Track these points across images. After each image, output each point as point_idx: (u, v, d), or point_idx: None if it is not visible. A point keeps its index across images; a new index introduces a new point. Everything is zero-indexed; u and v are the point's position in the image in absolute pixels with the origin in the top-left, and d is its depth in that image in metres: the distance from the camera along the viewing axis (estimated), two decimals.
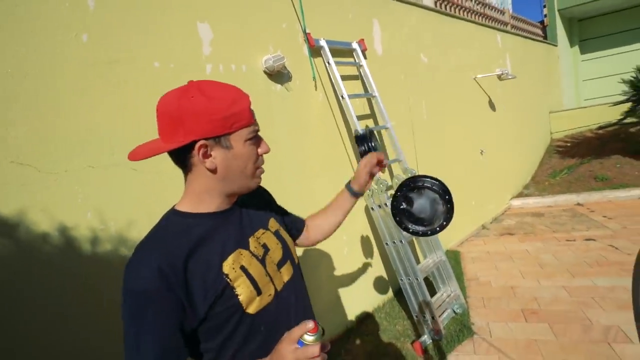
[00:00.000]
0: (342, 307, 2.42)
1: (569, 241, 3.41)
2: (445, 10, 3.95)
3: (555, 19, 7.45)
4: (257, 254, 0.73)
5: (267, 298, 0.72)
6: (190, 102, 0.63)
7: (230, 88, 0.68)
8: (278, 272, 0.77)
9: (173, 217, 0.71)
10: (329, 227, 1.04)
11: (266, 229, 0.80)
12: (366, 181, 0.99)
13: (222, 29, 1.81)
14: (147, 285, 0.60)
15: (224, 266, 0.67)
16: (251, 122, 0.69)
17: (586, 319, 2.12)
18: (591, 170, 5.22)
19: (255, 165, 0.71)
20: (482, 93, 4.33)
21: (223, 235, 0.70)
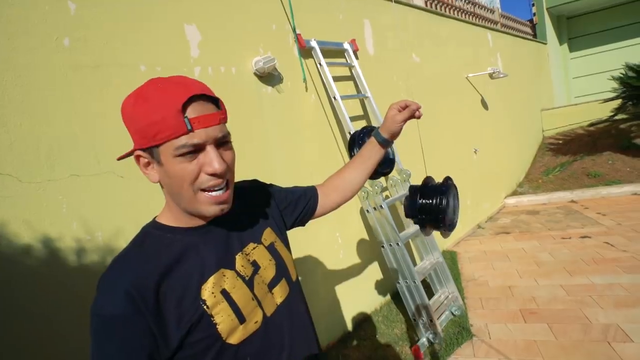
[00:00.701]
0: (339, 311, 2.38)
1: (565, 239, 3.41)
2: (435, 9, 3.95)
3: (544, 17, 7.52)
4: (244, 274, 0.65)
5: (252, 326, 0.63)
6: (125, 106, 0.57)
7: (166, 88, 0.55)
8: (269, 293, 0.68)
9: (152, 230, 0.64)
10: (354, 184, 0.91)
11: (258, 243, 0.71)
12: (400, 129, 0.85)
13: (210, 31, 1.77)
14: (114, 311, 0.54)
15: (203, 291, 0.59)
16: (180, 132, 0.53)
17: (585, 318, 2.10)
18: (584, 167, 5.26)
19: (194, 187, 0.57)
20: (475, 92, 4.34)
21: (204, 253, 0.62)
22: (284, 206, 0.83)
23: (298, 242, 2.09)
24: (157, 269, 0.58)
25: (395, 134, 0.87)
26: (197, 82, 0.59)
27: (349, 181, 0.91)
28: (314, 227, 2.19)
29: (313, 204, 0.87)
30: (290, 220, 0.85)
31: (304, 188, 0.90)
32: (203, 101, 0.57)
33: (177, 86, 0.55)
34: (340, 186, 0.91)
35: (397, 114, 0.84)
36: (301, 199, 0.86)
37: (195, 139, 0.55)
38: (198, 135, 0.55)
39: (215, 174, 0.57)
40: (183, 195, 0.59)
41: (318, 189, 0.90)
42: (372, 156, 0.90)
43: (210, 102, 0.58)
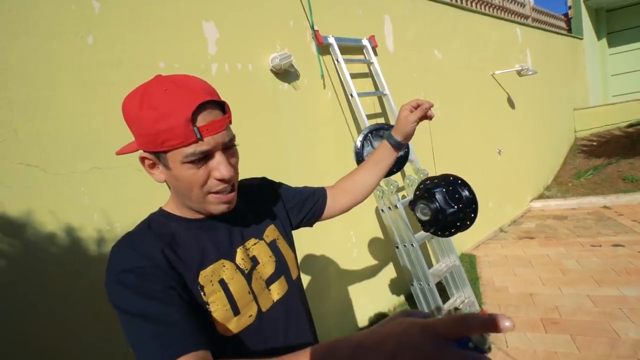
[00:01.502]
0: (350, 309, 2.37)
1: (594, 246, 3.22)
2: (460, 3, 3.82)
3: (580, 11, 7.10)
4: (244, 267, 0.66)
5: (246, 319, 0.63)
6: (129, 107, 0.56)
7: (174, 93, 0.54)
8: (266, 289, 0.68)
9: (158, 217, 0.66)
10: (365, 188, 0.89)
11: (259, 239, 0.71)
12: (413, 130, 0.83)
13: (227, 28, 1.79)
14: (134, 264, 0.55)
15: (201, 275, 0.60)
16: (188, 140, 0.54)
17: (613, 332, 1.98)
18: (620, 171, 4.94)
19: (203, 190, 0.59)
20: (501, 90, 4.17)
21: (206, 242, 0.64)
22: (290, 205, 0.83)
23: (311, 240, 2.10)
24: (162, 247, 0.59)
25: (409, 135, 0.84)
26: (203, 85, 0.58)
27: (360, 184, 0.89)
28: (327, 225, 2.18)
29: (321, 205, 0.87)
30: (296, 220, 0.85)
31: (313, 189, 0.89)
32: (210, 107, 0.57)
33: (184, 92, 0.54)
34: (351, 189, 0.90)
35: (409, 115, 0.82)
36: (309, 200, 0.86)
37: (204, 146, 0.56)
38: (207, 142, 0.56)
39: (224, 179, 0.59)
40: (192, 197, 0.61)
41: (328, 190, 0.89)
42: (385, 159, 0.88)
43: (217, 107, 0.58)
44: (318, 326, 0.82)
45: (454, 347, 0.32)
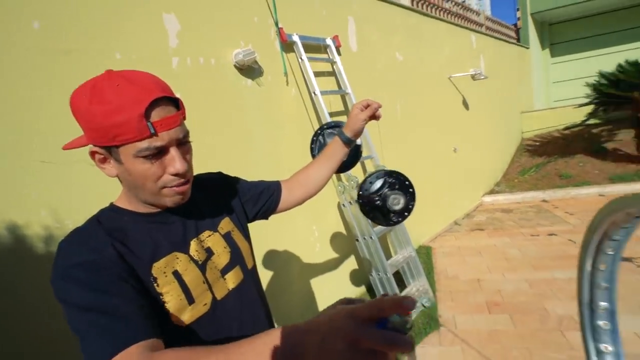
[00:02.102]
0: (314, 302, 2.44)
1: (534, 236, 3.57)
2: (421, 9, 4.02)
3: (527, 22, 7.71)
4: (198, 258, 0.67)
5: (201, 308, 0.65)
6: (78, 102, 0.56)
7: (126, 88, 0.55)
8: (221, 279, 0.70)
9: (110, 212, 0.66)
10: (317, 181, 0.94)
11: (214, 231, 0.73)
12: (362, 127, 0.91)
13: (189, 21, 1.77)
14: (88, 257, 0.55)
15: (154, 268, 0.61)
16: (142, 135, 0.55)
17: (544, 310, 2.23)
18: (557, 169, 5.48)
19: (158, 184, 0.60)
20: (457, 92, 4.44)
21: (158, 236, 0.65)
22: (246, 199, 0.86)
23: (275, 235, 2.14)
24: (112, 241, 0.59)
25: (358, 132, 0.91)
26: (156, 81, 0.59)
27: (313, 178, 0.94)
28: (290, 220, 2.25)
29: (276, 198, 0.90)
30: (252, 212, 0.87)
31: (268, 183, 0.92)
32: (164, 103, 0.58)
33: (138, 88, 0.55)
34: (305, 182, 0.94)
35: (359, 113, 0.89)
36: (264, 193, 0.89)
37: (159, 142, 0.57)
38: (161, 138, 0.57)
39: (179, 174, 0.61)
40: (145, 190, 0.62)
41: (283, 184, 0.93)
42: (337, 154, 0.94)
43: (170, 103, 0.59)
44: (281, 320, 0.86)
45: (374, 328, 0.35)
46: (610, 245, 0.48)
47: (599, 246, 0.49)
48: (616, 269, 0.51)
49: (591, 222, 0.48)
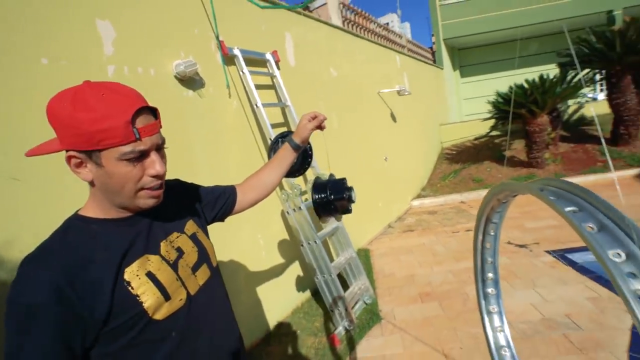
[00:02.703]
0: (261, 311, 2.46)
1: (455, 233, 4.06)
2: (351, 30, 4.37)
3: (441, 47, 8.79)
4: (169, 258, 0.72)
5: (177, 303, 0.70)
6: (59, 110, 0.59)
7: (112, 98, 0.60)
8: (192, 275, 0.76)
9: (76, 222, 0.68)
10: (269, 184, 1.03)
11: (181, 232, 0.79)
12: (309, 135, 1.03)
13: (126, 29, 1.73)
14: (34, 299, 0.56)
15: (126, 273, 0.65)
16: (128, 140, 0.61)
17: (465, 294, 2.58)
18: (470, 174, 6.30)
19: (137, 186, 0.66)
20: (385, 106, 4.88)
21: (128, 241, 0.68)
22: (204, 203, 0.93)
23: (221, 245, 2.11)
24: (82, 259, 0.62)
25: (306, 139, 1.04)
26: (136, 92, 0.65)
27: (264, 181, 1.03)
28: (235, 229, 2.26)
29: (231, 201, 0.98)
30: (210, 215, 0.94)
31: (223, 187, 1.00)
32: (145, 112, 0.65)
33: (122, 97, 0.61)
34: (257, 185, 1.03)
35: (307, 123, 1.03)
36: (220, 197, 0.96)
37: (142, 146, 0.63)
38: (144, 143, 0.63)
39: (158, 175, 0.67)
40: (123, 193, 0.65)
41: (237, 188, 1.01)
42: (286, 158, 1.05)
43: (149, 112, 0.66)
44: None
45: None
46: (492, 227, 0.66)
47: (485, 229, 0.67)
48: (497, 246, 0.69)
49: (478, 210, 0.66)
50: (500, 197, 0.59)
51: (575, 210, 0.36)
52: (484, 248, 0.71)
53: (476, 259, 0.75)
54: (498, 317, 0.72)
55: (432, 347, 2.06)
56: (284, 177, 1.13)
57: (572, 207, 0.36)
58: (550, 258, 2.95)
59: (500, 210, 0.63)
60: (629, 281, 0.28)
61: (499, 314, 0.72)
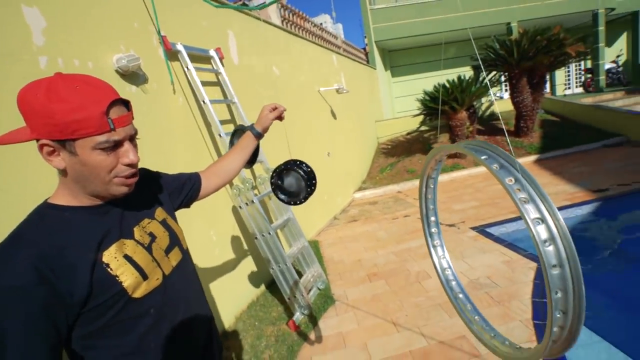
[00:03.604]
0: (216, 308, 2.46)
1: (394, 219, 4.45)
2: (290, 29, 4.48)
3: (373, 48, 9.36)
4: (143, 242, 0.76)
5: (154, 282, 0.74)
6: (33, 100, 0.61)
7: (86, 89, 0.63)
8: (166, 257, 0.80)
9: (48, 210, 0.69)
10: (231, 170, 1.10)
11: (152, 219, 0.82)
12: (270, 125, 1.13)
13: (57, 18, 1.62)
14: (14, 282, 0.57)
15: (105, 255, 0.68)
16: (102, 129, 0.64)
17: (407, 270, 2.89)
18: (404, 166, 6.87)
19: (111, 174, 0.68)
20: (325, 104, 5.10)
21: (103, 227, 0.71)
22: (170, 190, 0.98)
23: None
24: (57, 245, 0.63)
25: (266, 128, 1.15)
26: (109, 85, 0.68)
27: (227, 168, 1.11)
28: (187, 227, 2.23)
29: (197, 187, 1.04)
30: (176, 202, 0.99)
31: (188, 174, 1.05)
32: (119, 104, 0.68)
33: (96, 89, 0.65)
34: (220, 172, 1.10)
35: (269, 113, 1.14)
36: (186, 184, 1.02)
37: (116, 136, 0.66)
38: (118, 133, 0.67)
39: (132, 164, 0.70)
40: (97, 181, 0.68)
41: (201, 174, 1.08)
42: (248, 146, 1.14)
43: (122, 104, 0.69)
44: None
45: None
46: (431, 181, 0.85)
47: (427, 183, 0.85)
48: (435, 196, 0.88)
49: (422, 168, 0.84)
50: (437, 158, 0.77)
51: (487, 157, 0.53)
52: (426, 198, 0.89)
53: (421, 206, 0.93)
54: (440, 248, 0.92)
55: (383, 318, 2.30)
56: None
57: (484, 155, 0.53)
58: (473, 233, 3.43)
59: (437, 168, 0.82)
60: (516, 193, 0.46)
61: (441, 246, 0.92)
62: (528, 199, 0.47)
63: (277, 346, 2.21)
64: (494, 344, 0.76)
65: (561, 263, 0.47)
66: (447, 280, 0.94)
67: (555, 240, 0.46)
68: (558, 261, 0.47)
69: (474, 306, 0.92)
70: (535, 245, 0.46)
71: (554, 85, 12.06)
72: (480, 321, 0.85)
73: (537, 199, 0.47)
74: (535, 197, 0.47)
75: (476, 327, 0.83)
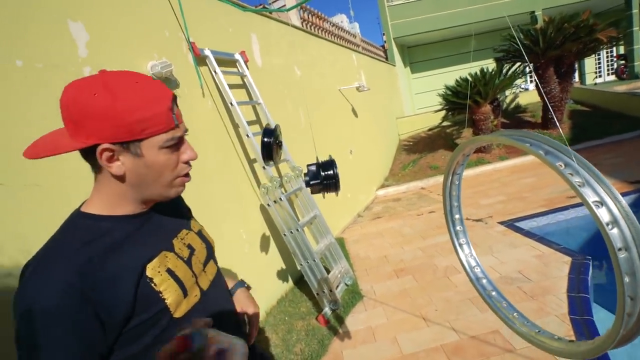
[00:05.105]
0: None
1: (419, 215, 4.41)
2: (310, 30, 4.54)
3: (392, 45, 9.29)
4: (183, 255, 0.70)
5: (193, 299, 0.69)
6: (91, 101, 0.55)
7: (147, 85, 0.59)
8: (203, 271, 0.75)
9: (82, 220, 0.63)
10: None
11: (189, 230, 0.77)
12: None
13: (99, 31, 1.74)
14: (49, 302, 0.52)
15: (148, 269, 0.63)
16: (169, 126, 0.60)
17: (434, 265, 2.87)
18: (427, 162, 6.78)
19: (174, 174, 0.65)
20: (346, 102, 5.12)
21: (144, 238, 0.66)
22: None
23: None
24: (96, 257, 0.58)
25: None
26: (157, 80, 0.65)
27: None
28: (217, 225, 2.32)
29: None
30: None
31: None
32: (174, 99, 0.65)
33: (156, 85, 0.61)
34: None
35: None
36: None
37: (179, 132, 0.63)
38: (180, 129, 0.64)
39: (193, 159, 0.67)
40: (159, 183, 0.64)
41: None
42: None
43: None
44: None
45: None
46: (456, 178, 0.86)
47: (452, 179, 0.87)
48: (460, 193, 0.89)
49: (447, 164, 0.85)
50: (465, 152, 0.78)
51: (530, 145, 0.54)
52: (451, 195, 0.90)
53: (445, 204, 0.94)
54: (467, 246, 0.93)
55: (412, 313, 2.30)
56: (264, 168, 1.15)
57: (527, 143, 0.55)
58: (502, 228, 3.36)
59: (463, 164, 0.83)
60: (569, 176, 0.48)
61: (467, 244, 0.93)
62: (583, 182, 0.47)
63: (307, 340, 2.25)
64: (540, 340, 0.73)
65: (627, 246, 0.46)
66: (477, 279, 0.93)
67: (618, 223, 0.46)
68: (624, 244, 0.46)
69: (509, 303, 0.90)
70: (601, 229, 0.46)
71: (583, 74, 11.52)
72: (520, 317, 0.84)
73: (594, 181, 0.46)
74: (591, 180, 0.46)
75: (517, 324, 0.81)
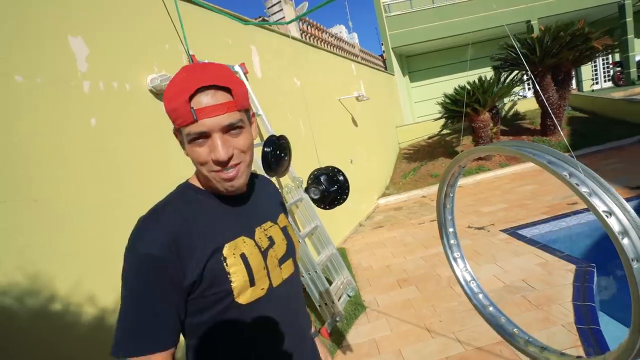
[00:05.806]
0: None
1: (421, 224, 4.37)
2: (309, 41, 4.59)
3: (390, 55, 9.38)
4: (261, 245, 0.71)
5: (259, 291, 0.68)
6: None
7: (187, 77, 0.59)
8: (278, 267, 0.73)
9: (187, 190, 0.70)
10: None
11: (275, 223, 0.77)
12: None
13: (98, 45, 1.75)
14: (152, 251, 0.59)
15: (225, 248, 0.65)
16: (187, 121, 0.59)
17: (437, 275, 2.83)
18: (428, 170, 6.77)
19: (205, 168, 0.63)
20: (346, 112, 5.15)
21: (229, 218, 0.69)
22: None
23: None
24: (188, 225, 0.63)
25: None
26: (217, 70, 0.61)
27: None
28: None
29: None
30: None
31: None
32: (213, 90, 0.59)
33: (190, 77, 0.59)
34: None
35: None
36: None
37: (200, 128, 0.59)
38: (202, 125, 0.59)
39: (217, 160, 0.61)
40: (201, 173, 0.67)
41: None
42: None
43: (221, 91, 0.60)
44: None
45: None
46: (451, 190, 0.85)
47: (446, 192, 0.86)
48: (454, 205, 0.88)
49: (442, 176, 0.84)
50: (462, 164, 0.77)
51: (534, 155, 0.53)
52: (445, 208, 0.88)
53: (439, 216, 0.93)
54: (461, 260, 0.91)
55: (416, 324, 2.26)
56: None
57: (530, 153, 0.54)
58: (504, 236, 3.33)
59: (458, 176, 0.82)
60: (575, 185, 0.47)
61: (462, 258, 0.91)
62: (590, 192, 0.46)
63: None
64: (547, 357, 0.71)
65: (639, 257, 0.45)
66: (473, 294, 0.91)
67: (628, 233, 0.45)
68: (636, 254, 0.45)
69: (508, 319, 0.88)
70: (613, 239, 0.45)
71: (580, 81, 11.61)
72: (521, 333, 0.81)
73: (600, 191, 0.46)
74: (597, 190, 0.46)
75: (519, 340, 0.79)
